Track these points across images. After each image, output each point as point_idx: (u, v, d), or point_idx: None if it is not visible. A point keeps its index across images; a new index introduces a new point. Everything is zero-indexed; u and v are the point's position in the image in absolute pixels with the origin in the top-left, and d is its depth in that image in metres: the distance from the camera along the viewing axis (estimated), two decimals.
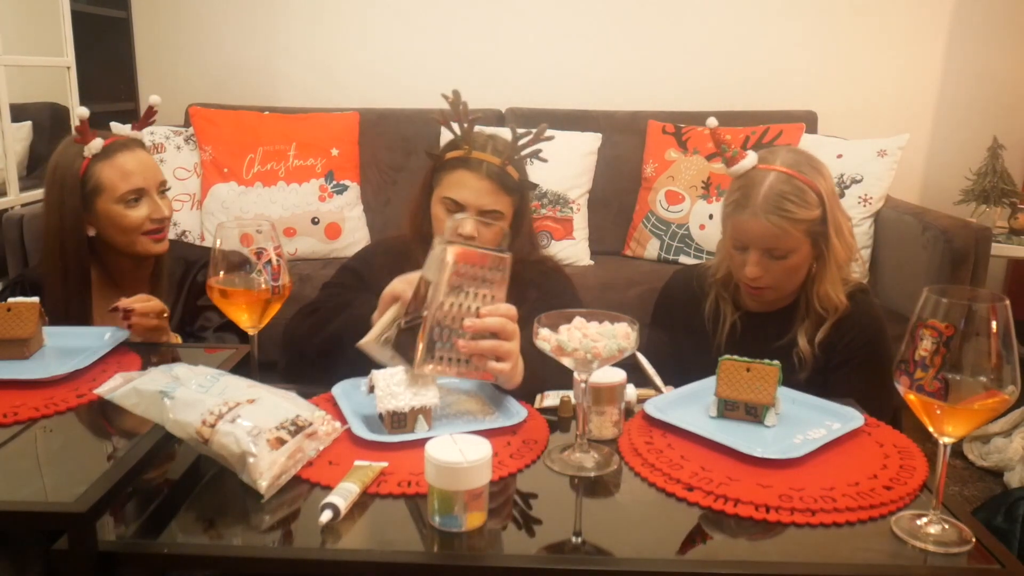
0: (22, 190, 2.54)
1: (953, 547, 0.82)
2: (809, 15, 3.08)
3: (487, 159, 1.38)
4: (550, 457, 1.01)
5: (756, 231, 1.34)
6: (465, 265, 1.07)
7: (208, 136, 2.70)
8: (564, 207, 2.70)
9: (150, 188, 1.51)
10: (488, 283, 1.09)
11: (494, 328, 1.07)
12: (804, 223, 1.34)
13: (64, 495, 0.80)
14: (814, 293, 1.41)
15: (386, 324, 1.15)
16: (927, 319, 0.80)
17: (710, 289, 1.51)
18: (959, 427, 0.82)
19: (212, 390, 0.96)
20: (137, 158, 1.52)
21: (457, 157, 1.40)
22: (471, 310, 1.08)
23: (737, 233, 1.38)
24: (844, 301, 1.40)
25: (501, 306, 1.09)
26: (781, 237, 1.34)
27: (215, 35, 3.16)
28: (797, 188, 1.34)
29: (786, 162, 1.36)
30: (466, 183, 1.38)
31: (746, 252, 1.38)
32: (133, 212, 1.50)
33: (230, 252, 1.11)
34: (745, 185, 1.36)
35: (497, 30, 3.12)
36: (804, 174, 1.35)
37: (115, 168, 1.48)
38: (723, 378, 1.10)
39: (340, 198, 2.71)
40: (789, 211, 1.33)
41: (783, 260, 1.36)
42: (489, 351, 1.07)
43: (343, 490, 0.86)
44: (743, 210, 1.35)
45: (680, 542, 0.86)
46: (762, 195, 1.33)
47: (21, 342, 1.17)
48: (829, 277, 1.39)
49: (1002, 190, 2.91)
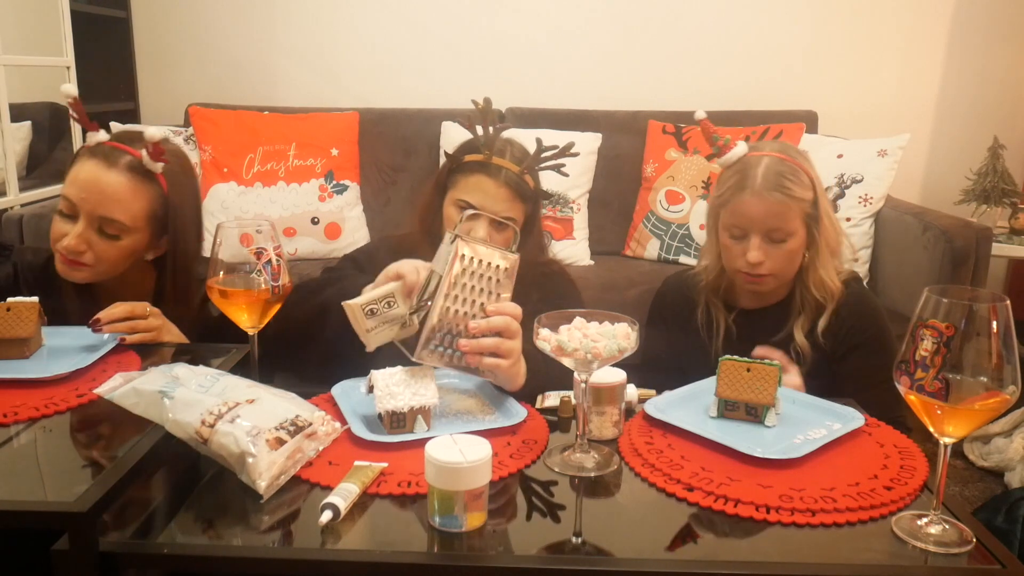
0: (22, 190, 2.54)
1: (954, 547, 0.82)
2: (809, 15, 3.08)
3: (507, 166, 1.38)
4: (550, 457, 1.01)
5: (759, 211, 1.36)
6: (473, 261, 1.07)
7: (208, 136, 2.70)
8: (564, 207, 2.70)
9: (82, 212, 1.28)
10: (495, 281, 1.09)
11: (499, 327, 1.08)
12: (802, 203, 1.37)
13: (64, 495, 0.80)
14: (809, 281, 1.43)
15: (378, 295, 1.12)
16: (927, 319, 0.80)
17: (700, 296, 1.52)
18: (960, 427, 0.82)
19: (212, 390, 0.96)
20: (95, 173, 1.28)
21: (476, 161, 1.40)
22: (477, 306, 1.08)
23: (736, 218, 1.39)
24: (839, 285, 1.43)
25: (507, 304, 1.10)
26: (783, 215, 1.36)
27: (215, 35, 3.15)
28: (791, 168, 1.38)
29: (775, 149, 1.42)
30: (484, 188, 1.38)
31: (744, 240, 1.38)
32: (57, 223, 1.30)
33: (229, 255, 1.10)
34: (741, 170, 1.40)
35: (497, 30, 3.12)
36: (794, 158, 1.40)
37: (75, 168, 1.31)
38: (723, 378, 1.10)
39: (340, 198, 2.71)
40: (789, 188, 1.36)
41: (782, 244, 1.38)
42: (491, 348, 1.07)
43: (343, 490, 0.86)
44: (743, 192, 1.37)
45: (680, 542, 0.86)
46: (761, 175, 1.37)
47: (21, 342, 1.17)
48: (822, 262, 1.42)
49: (1003, 190, 2.92)
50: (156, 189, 1.34)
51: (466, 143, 1.43)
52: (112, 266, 1.35)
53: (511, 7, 3.10)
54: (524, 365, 1.14)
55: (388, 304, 1.12)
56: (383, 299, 1.12)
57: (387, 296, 1.13)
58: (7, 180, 2.49)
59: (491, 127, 1.39)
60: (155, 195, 1.34)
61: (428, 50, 3.14)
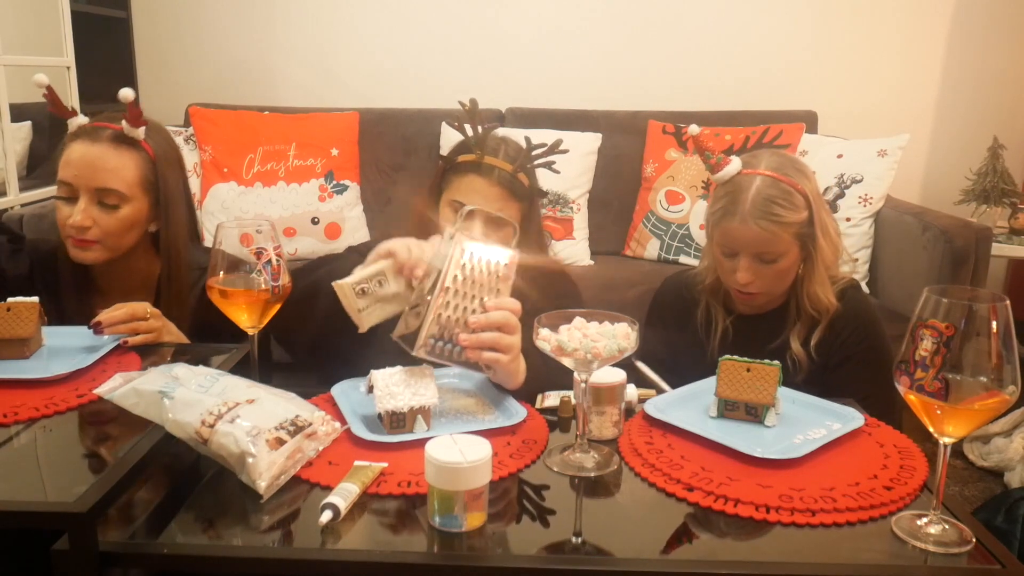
0: (22, 190, 2.54)
1: (953, 547, 0.82)
2: (809, 15, 3.08)
3: (499, 165, 1.38)
4: (550, 457, 1.00)
5: (746, 237, 1.35)
6: (473, 257, 1.07)
7: (208, 136, 2.70)
8: (564, 207, 2.70)
9: (80, 189, 1.34)
10: (495, 277, 1.09)
11: (499, 323, 1.08)
12: (793, 226, 1.35)
13: (64, 495, 0.80)
14: (804, 294, 1.42)
15: (369, 273, 1.11)
16: (927, 319, 0.80)
17: (700, 297, 1.51)
18: (959, 427, 0.82)
19: (212, 390, 0.96)
20: (83, 151, 1.34)
21: (469, 161, 1.40)
22: (476, 302, 1.08)
23: (726, 240, 1.38)
24: (834, 302, 1.41)
25: (506, 300, 1.10)
26: (771, 242, 1.34)
27: (215, 35, 3.16)
28: (784, 191, 1.34)
29: (770, 165, 1.37)
30: (477, 188, 1.38)
31: (735, 258, 1.38)
32: (61, 208, 1.36)
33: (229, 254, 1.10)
34: (732, 192, 1.37)
35: (497, 30, 3.12)
36: (789, 176, 1.36)
37: (64, 154, 1.35)
38: (723, 378, 1.10)
39: (340, 198, 2.71)
40: (778, 215, 1.33)
41: (773, 264, 1.37)
42: (490, 343, 1.08)
43: (343, 490, 0.86)
44: (732, 217, 1.35)
45: (680, 542, 0.86)
46: (750, 201, 1.34)
47: (21, 342, 1.17)
48: (817, 278, 1.40)
49: (1002, 190, 2.92)
50: (143, 155, 1.39)
51: (459, 144, 1.43)
52: (118, 239, 1.39)
53: (511, 7, 3.10)
54: (524, 363, 1.14)
55: (379, 283, 1.11)
56: (374, 277, 1.11)
57: (377, 274, 1.11)
58: (7, 180, 2.49)
59: (479, 127, 1.39)
60: (143, 160, 1.39)
61: (428, 50, 3.14)
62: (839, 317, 1.41)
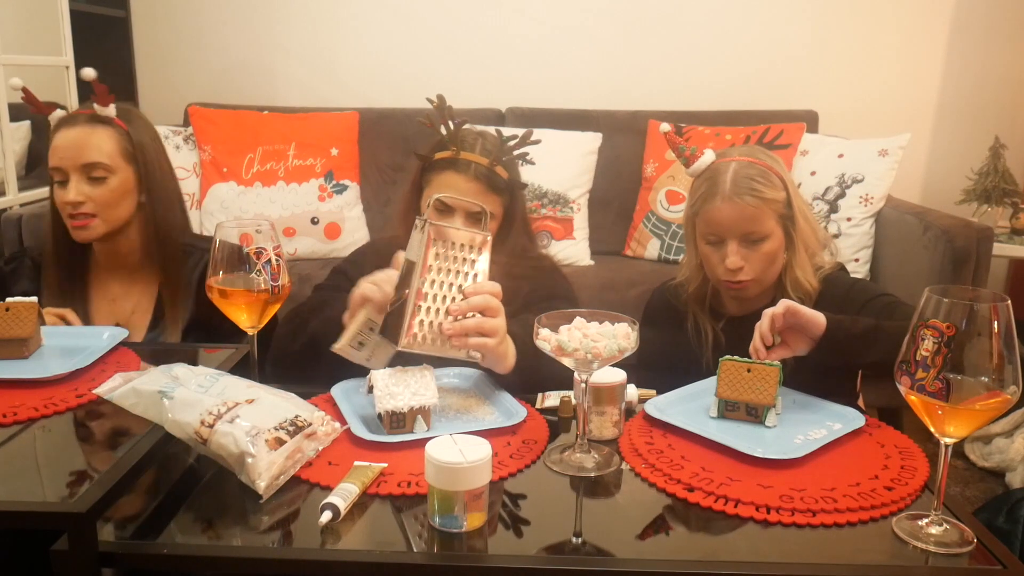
0: (21, 190, 2.54)
1: (954, 548, 0.82)
2: (810, 15, 3.08)
3: (475, 159, 1.38)
4: (550, 457, 1.00)
5: (731, 216, 1.35)
6: (444, 243, 1.09)
7: (207, 136, 2.70)
8: (564, 207, 2.70)
9: (69, 169, 1.43)
10: (470, 262, 1.11)
11: (479, 307, 1.09)
12: (774, 203, 1.37)
13: (64, 495, 0.80)
14: (787, 282, 1.42)
15: (357, 327, 1.15)
16: (928, 319, 0.80)
17: (686, 307, 1.51)
18: (961, 427, 0.82)
19: (211, 390, 0.96)
20: (64, 135, 1.45)
21: (445, 158, 1.40)
22: (455, 289, 1.09)
23: (711, 225, 1.38)
24: (816, 285, 1.41)
25: (484, 283, 1.11)
26: (756, 218, 1.35)
27: (214, 35, 3.15)
28: (761, 171, 1.38)
29: (743, 153, 1.42)
30: (454, 184, 1.38)
31: (722, 246, 1.38)
32: (58, 193, 1.45)
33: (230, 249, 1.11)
34: (710, 177, 1.39)
35: (497, 30, 3.12)
36: (762, 160, 1.40)
37: (52, 143, 1.45)
38: (723, 378, 1.09)
39: (340, 198, 2.71)
40: (759, 190, 1.36)
41: (760, 246, 1.37)
42: (473, 328, 1.08)
43: (343, 490, 0.86)
44: (714, 199, 1.37)
45: (680, 542, 0.86)
46: (730, 180, 1.37)
47: (20, 342, 1.17)
48: (799, 262, 1.41)
49: (1004, 190, 2.91)
50: (118, 129, 1.49)
51: (436, 141, 1.44)
52: (113, 209, 1.47)
53: (511, 7, 3.10)
54: (512, 345, 1.14)
55: (370, 328, 1.15)
56: (363, 327, 1.15)
57: (365, 323, 1.15)
58: (6, 180, 2.49)
59: (451, 122, 1.39)
60: (119, 134, 1.49)
61: (428, 50, 3.14)
62: (830, 299, 1.39)
